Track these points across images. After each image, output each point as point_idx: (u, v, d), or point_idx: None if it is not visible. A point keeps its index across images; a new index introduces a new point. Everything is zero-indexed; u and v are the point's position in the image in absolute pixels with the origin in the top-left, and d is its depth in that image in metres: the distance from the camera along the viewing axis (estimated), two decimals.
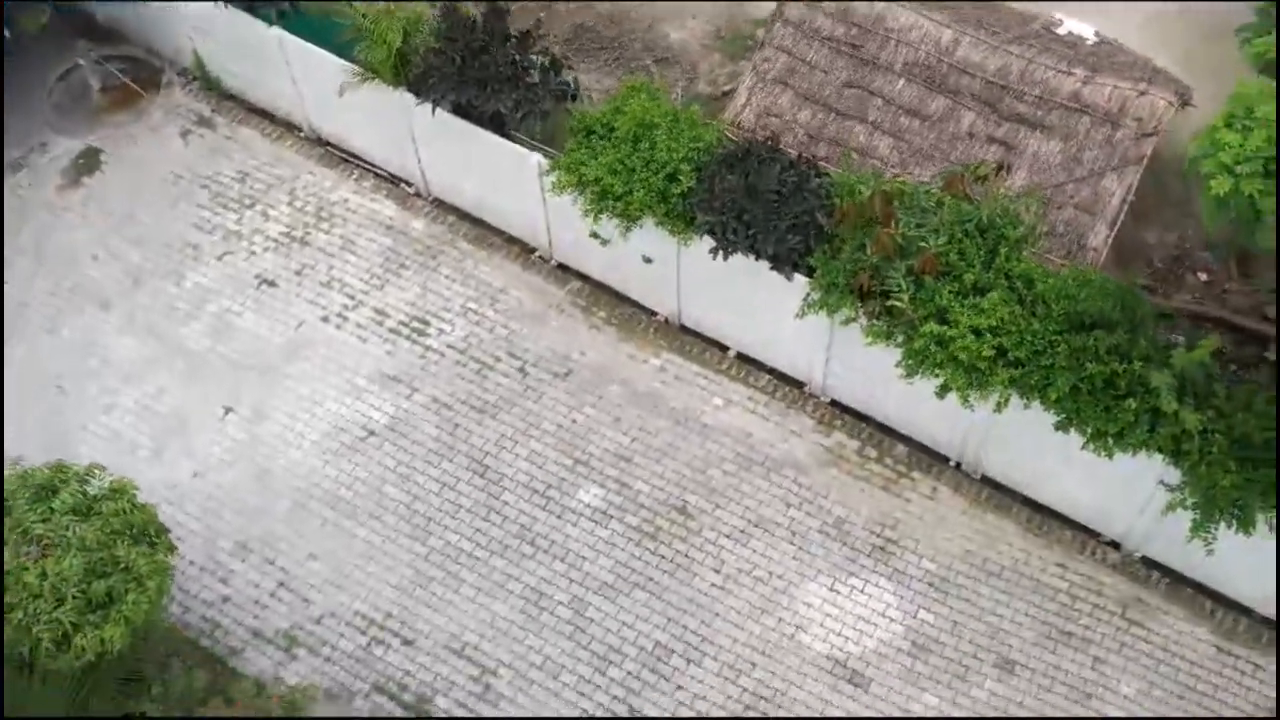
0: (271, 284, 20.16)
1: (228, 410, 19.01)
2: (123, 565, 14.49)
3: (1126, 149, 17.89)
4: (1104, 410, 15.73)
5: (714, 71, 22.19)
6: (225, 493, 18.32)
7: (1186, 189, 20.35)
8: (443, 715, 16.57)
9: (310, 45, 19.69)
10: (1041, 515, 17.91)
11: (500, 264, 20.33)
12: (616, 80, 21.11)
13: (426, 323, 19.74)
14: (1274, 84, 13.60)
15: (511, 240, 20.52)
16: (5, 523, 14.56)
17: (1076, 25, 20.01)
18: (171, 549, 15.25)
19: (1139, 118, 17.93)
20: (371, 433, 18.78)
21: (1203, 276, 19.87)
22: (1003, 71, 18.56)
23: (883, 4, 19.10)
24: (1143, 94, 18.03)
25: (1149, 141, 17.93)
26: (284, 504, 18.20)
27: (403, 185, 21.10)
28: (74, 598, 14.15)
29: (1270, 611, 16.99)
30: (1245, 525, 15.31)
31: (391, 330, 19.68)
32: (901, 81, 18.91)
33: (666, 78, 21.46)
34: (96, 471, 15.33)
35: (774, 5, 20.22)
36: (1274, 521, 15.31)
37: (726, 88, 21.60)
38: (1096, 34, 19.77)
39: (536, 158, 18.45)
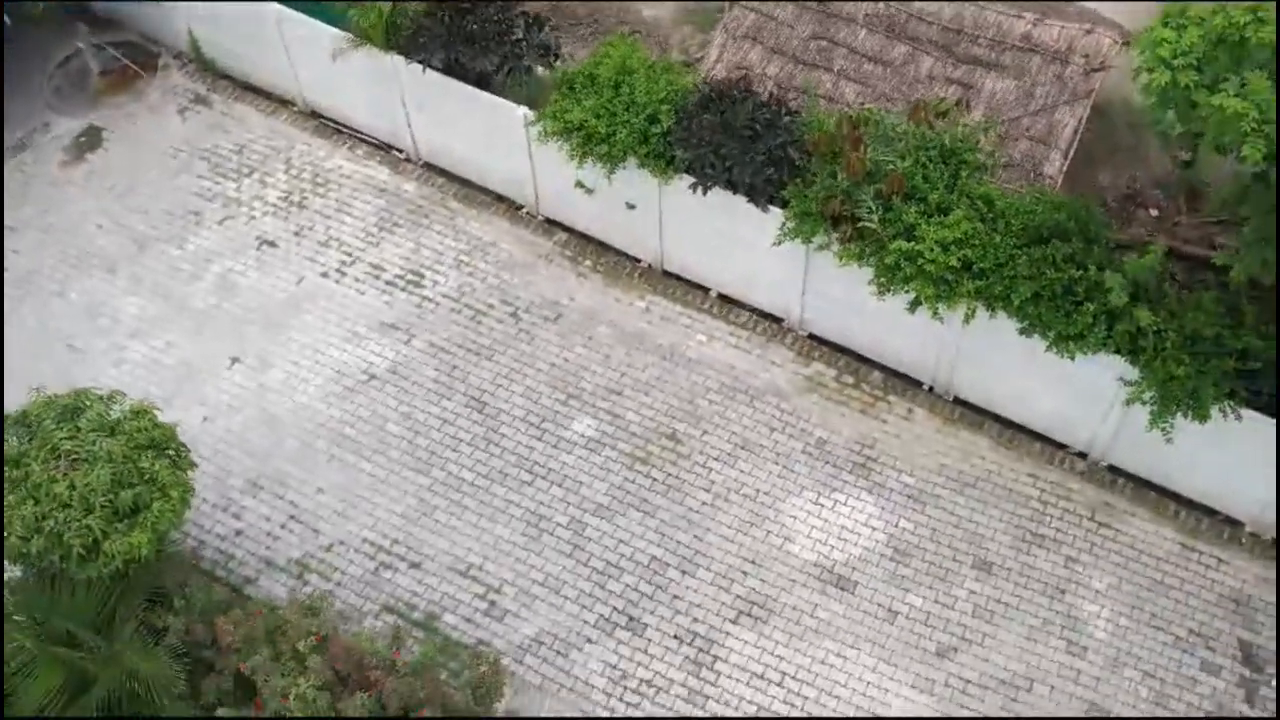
0: (272, 244, 21.10)
1: (234, 360, 19.87)
2: (147, 476, 15.29)
3: (1076, 84, 19.11)
4: (1064, 315, 16.85)
5: (686, 41, 23.38)
6: (235, 436, 19.14)
7: (1135, 135, 21.71)
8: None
9: (305, 16, 20.75)
10: (1012, 430, 18.96)
11: (490, 220, 21.36)
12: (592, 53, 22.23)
13: (421, 275, 20.71)
14: None
15: (500, 198, 21.56)
16: (33, 441, 15.36)
17: None
18: (192, 465, 16.07)
19: (1086, 54, 19.18)
20: (373, 376, 19.67)
21: (1153, 212, 21.03)
22: (957, 18, 19.80)
23: None
24: (1089, 33, 19.31)
25: (1097, 76, 19.17)
26: (292, 443, 19.04)
27: (394, 151, 22.13)
28: (102, 506, 14.93)
29: (1233, 509, 18.01)
30: (1200, 414, 16.38)
31: (388, 283, 20.64)
32: (863, 32, 20.11)
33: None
34: (118, 397, 16.14)
35: None
36: (1228, 409, 16.40)
37: (699, 55, 22.75)
38: None
39: (523, 109, 19.52)
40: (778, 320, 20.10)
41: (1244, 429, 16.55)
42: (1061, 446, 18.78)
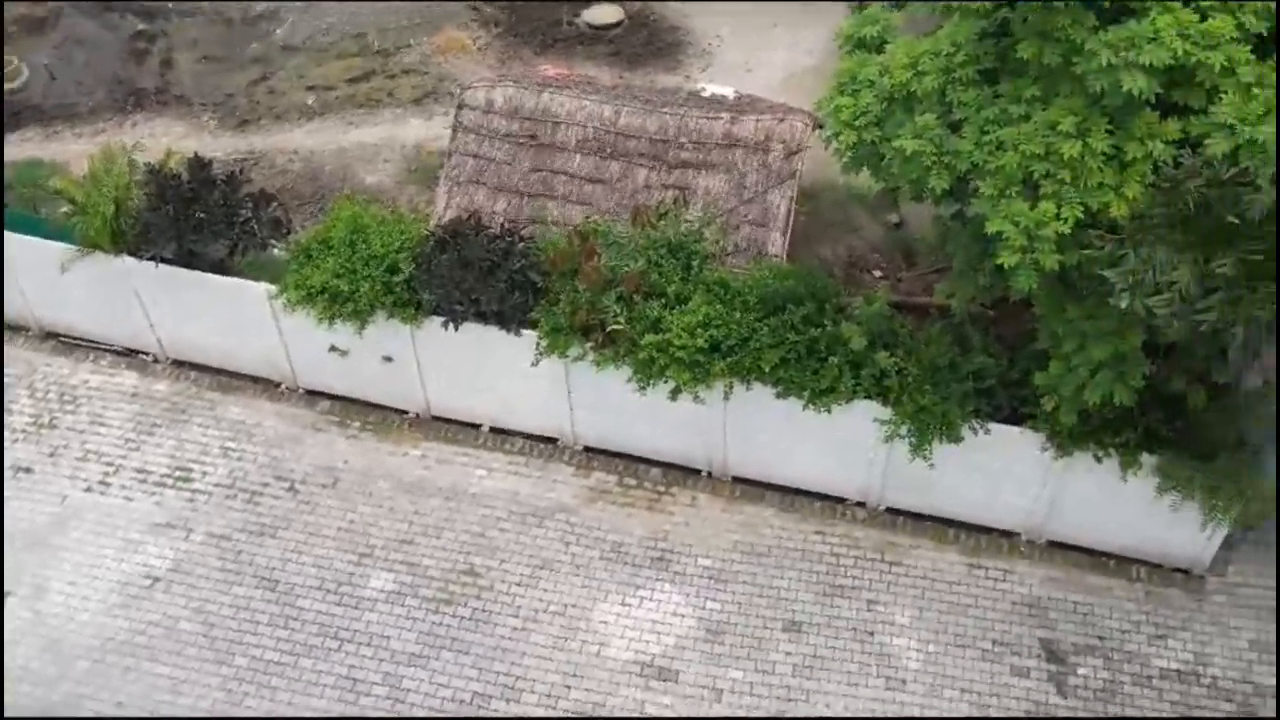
0: (27, 470, 20.45)
1: (5, 594, 19.01)
2: None
3: (780, 168, 20.56)
4: (812, 373, 17.90)
5: (413, 200, 24.09)
6: (19, 670, 18.18)
7: (844, 211, 23.41)
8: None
9: (28, 237, 20.56)
10: (791, 496, 19.79)
11: (249, 403, 21.28)
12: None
13: (189, 469, 20.39)
14: (866, 55, 16.32)
15: (256, 380, 21.54)
16: None
17: (717, 88, 22.95)
18: None
19: (784, 140, 20.70)
20: (156, 579, 19.10)
21: (876, 274, 22.65)
22: (662, 129, 21.09)
23: (548, 94, 21.49)
24: (782, 121, 20.86)
25: (797, 158, 20.67)
26: (81, 665, 18.21)
27: (140, 355, 21.89)
28: None
29: (1005, 522, 19.14)
30: (953, 436, 17.56)
31: (156, 484, 20.22)
32: (578, 157, 21.19)
33: None
34: None
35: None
36: (976, 427, 17.63)
37: (429, 211, 23.44)
38: (735, 92, 22.70)
39: (263, 285, 19.71)
40: (552, 441, 20.56)
41: (994, 444, 17.79)
42: (840, 501, 19.67)
